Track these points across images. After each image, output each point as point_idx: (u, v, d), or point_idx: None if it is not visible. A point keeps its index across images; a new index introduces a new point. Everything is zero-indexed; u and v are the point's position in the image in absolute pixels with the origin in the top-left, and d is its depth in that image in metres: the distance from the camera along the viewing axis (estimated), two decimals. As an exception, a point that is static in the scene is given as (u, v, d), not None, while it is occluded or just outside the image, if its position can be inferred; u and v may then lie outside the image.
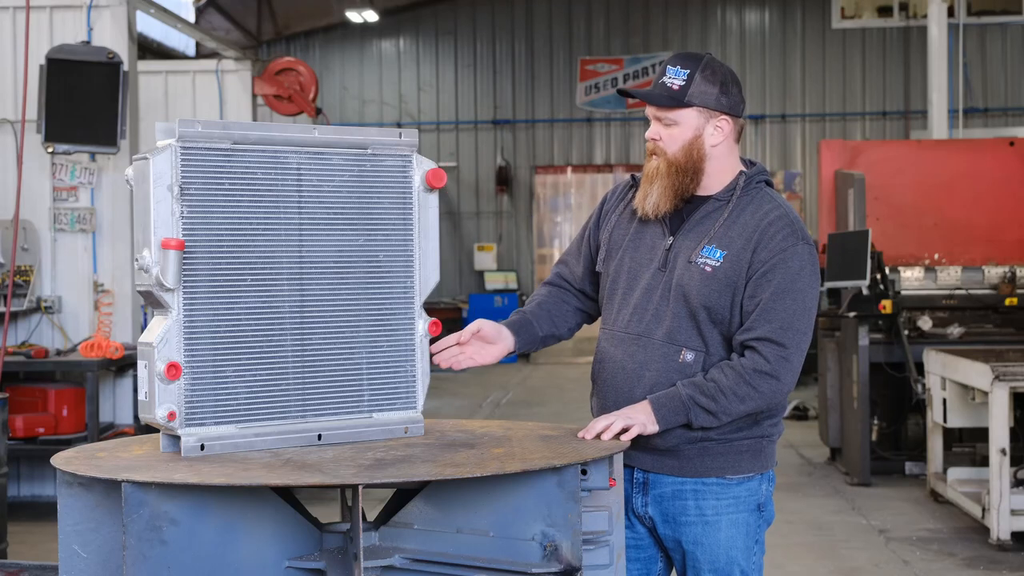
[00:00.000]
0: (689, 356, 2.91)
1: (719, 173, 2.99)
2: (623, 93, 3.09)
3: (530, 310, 3.18)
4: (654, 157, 2.98)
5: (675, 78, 2.94)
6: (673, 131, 2.95)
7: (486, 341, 3.03)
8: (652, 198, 2.96)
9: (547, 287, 3.26)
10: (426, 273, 2.79)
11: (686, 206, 2.99)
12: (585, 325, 3.31)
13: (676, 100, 2.93)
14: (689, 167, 2.95)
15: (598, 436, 2.76)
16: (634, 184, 3.12)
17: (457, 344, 3.00)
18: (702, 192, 2.99)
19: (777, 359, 2.83)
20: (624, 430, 2.78)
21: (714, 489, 2.96)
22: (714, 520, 2.96)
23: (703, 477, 2.95)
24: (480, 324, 3.03)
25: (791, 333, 2.85)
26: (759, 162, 3.10)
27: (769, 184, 3.04)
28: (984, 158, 9.50)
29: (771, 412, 2.98)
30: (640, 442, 2.92)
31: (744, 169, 3.02)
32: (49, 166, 7.61)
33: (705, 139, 2.95)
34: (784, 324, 2.84)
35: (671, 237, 2.98)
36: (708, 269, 2.90)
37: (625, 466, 3.00)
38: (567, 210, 20.15)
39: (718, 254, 2.91)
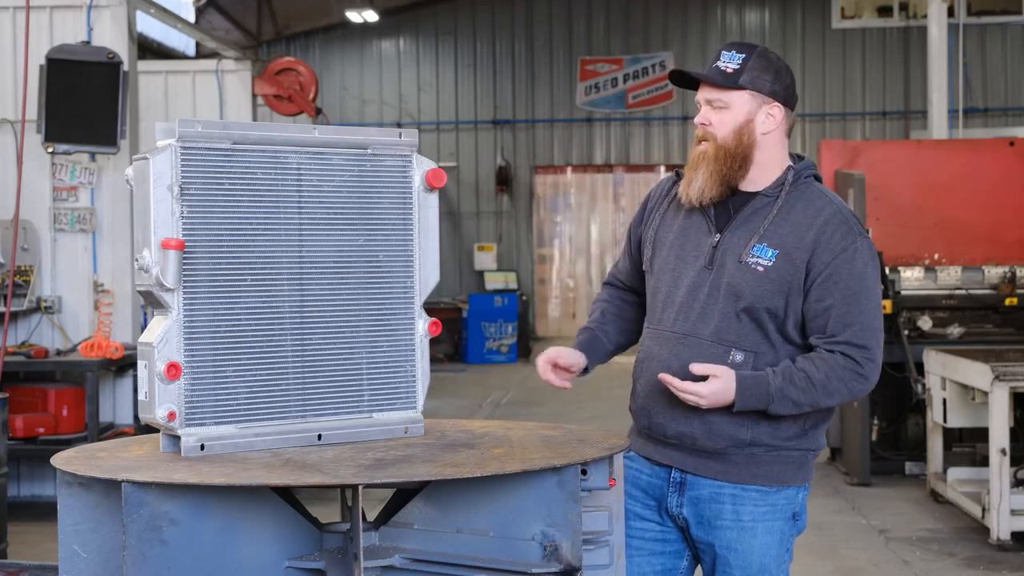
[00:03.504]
0: (739, 357, 2.87)
1: (768, 165, 2.93)
2: (676, 75, 3.00)
3: (596, 323, 3.17)
4: (703, 143, 2.92)
5: (729, 62, 2.90)
6: (724, 114, 2.90)
7: (574, 372, 3.06)
8: (697, 183, 2.90)
9: (606, 288, 3.26)
10: (426, 273, 2.78)
11: (732, 200, 2.93)
12: None
13: (730, 81, 2.88)
14: (739, 153, 2.89)
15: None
16: (678, 179, 3.05)
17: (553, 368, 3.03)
18: (750, 187, 2.94)
19: (866, 361, 2.83)
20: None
21: (753, 496, 2.93)
22: (750, 526, 2.93)
23: (744, 483, 2.92)
24: (558, 352, 3.05)
25: (870, 333, 2.84)
26: (807, 156, 3.06)
27: (818, 179, 2.99)
28: (984, 158, 9.49)
29: (817, 423, 2.95)
30: (685, 440, 2.92)
31: (792, 164, 2.97)
32: (49, 166, 7.61)
33: (756, 125, 2.91)
34: (864, 326, 2.83)
35: (718, 234, 2.92)
36: (760, 269, 2.85)
37: (662, 465, 3.00)
38: (567, 210, 20.15)
39: (769, 253, 2.85)
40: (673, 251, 2.99)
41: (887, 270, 8.46)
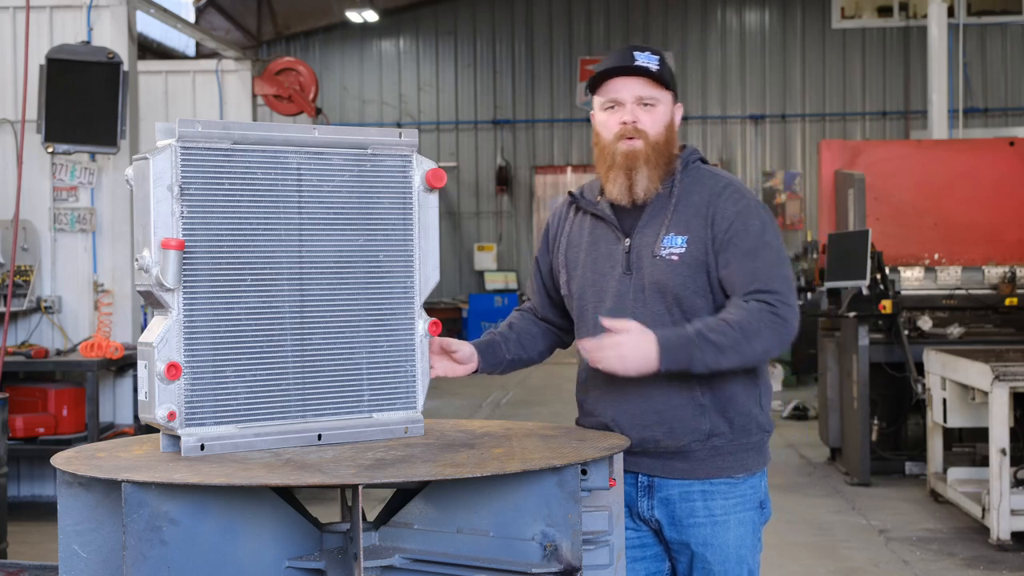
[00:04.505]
0: None
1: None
2: (610, 73, 2.98)
3: (501, 332, 3.19)
4: (628, 141, 2.93)
5: (650, 62, 2.93)
6: (654, 113, 2.94)
7: (458, 361, 3.00)
8: (642, 184, 2.92)
9: (517, 311, 3.29)
10: (426, 273, 2.79)
11: (633, 204, 2.97)
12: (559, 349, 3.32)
13: (664, 80, 2.94)
14: (668, 151, 2.96)
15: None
16: (573, 200, 3.11)
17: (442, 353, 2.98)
18: None
19: (779, 303, 2.83)
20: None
21: (722, 488, 2.95)
22: (723, 520, 2.95)
23: (712, 478, 2.95)
24: (450, 343, 2.99)
25: (778, 279, 2.86)
26: (688, 143, 3.10)
27: (704, 161, 3.05)
28: (984, 158, 9.49)
29: (762, 393, 2.98)
30: (648, 445, 2.93)
31: (677, 154, 3.03)
32: (49, 166, 7.61)
33: (674, 122, 2.99)
34: (767, 272, 2.85)
35: (627, 239, 2.96)
36: (675, 259, 2.89)
37: (627, 471, 2.99)
38: (567, 210, 20.14)
39: (679, 240, 2.90)
40: (588, 268, 3.02)
41: (887, 270, 8.46)
